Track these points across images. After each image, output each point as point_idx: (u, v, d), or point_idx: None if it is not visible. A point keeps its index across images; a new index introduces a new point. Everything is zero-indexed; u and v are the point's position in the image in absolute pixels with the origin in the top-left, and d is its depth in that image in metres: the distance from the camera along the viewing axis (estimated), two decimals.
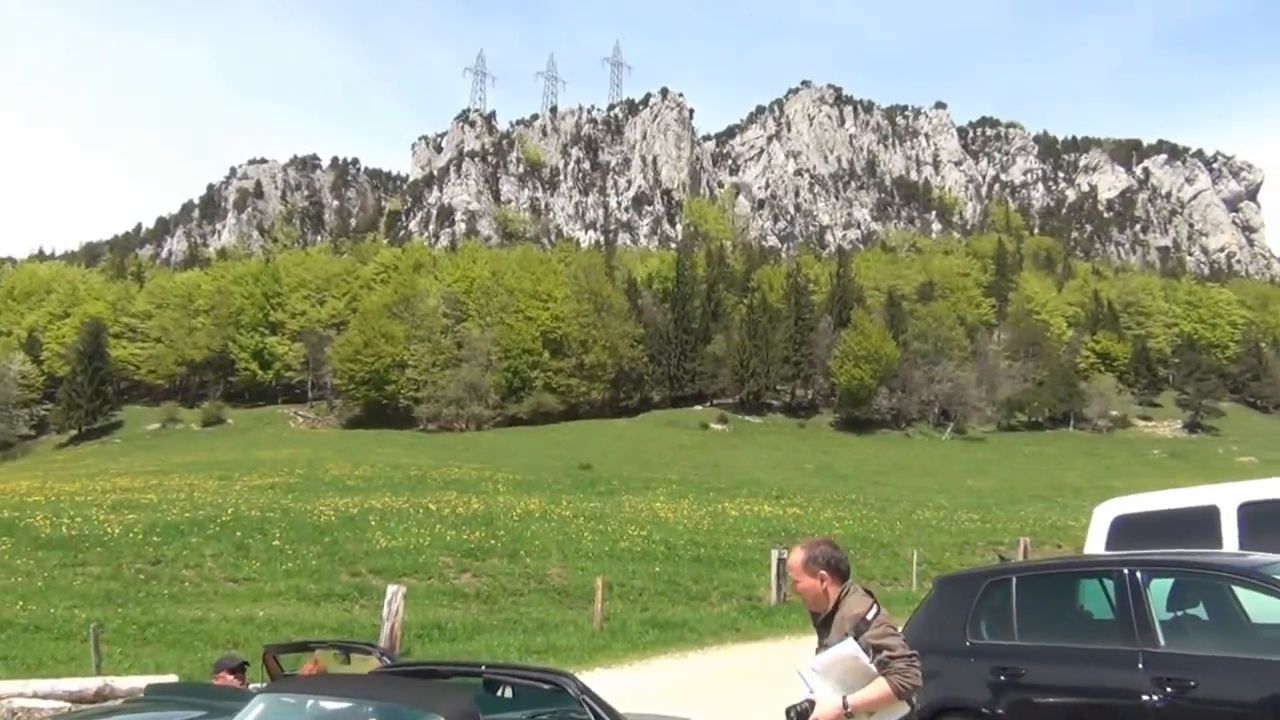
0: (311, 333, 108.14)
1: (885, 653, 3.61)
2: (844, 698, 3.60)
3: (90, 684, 9.95)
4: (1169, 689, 5.29)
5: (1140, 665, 5.44)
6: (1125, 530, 7.79)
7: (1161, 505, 8.08)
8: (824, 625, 3.88)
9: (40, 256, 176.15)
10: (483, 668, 4.21)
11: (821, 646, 3.88)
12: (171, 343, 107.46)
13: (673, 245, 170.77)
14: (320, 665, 5.74)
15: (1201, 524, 7.48)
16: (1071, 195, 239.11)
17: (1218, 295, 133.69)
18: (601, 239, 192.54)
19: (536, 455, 64.50)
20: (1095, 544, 7.89)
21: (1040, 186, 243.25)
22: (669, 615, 17.40)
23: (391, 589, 13.90)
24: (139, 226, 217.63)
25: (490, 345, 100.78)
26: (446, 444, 78.93)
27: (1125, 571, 5.75)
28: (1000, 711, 5.87)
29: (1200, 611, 5.97)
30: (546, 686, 4.08)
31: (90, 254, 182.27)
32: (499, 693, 4.69)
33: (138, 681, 9.76)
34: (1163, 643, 5.51)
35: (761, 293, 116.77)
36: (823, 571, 3.86)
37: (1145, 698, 5.37)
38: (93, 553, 19.00)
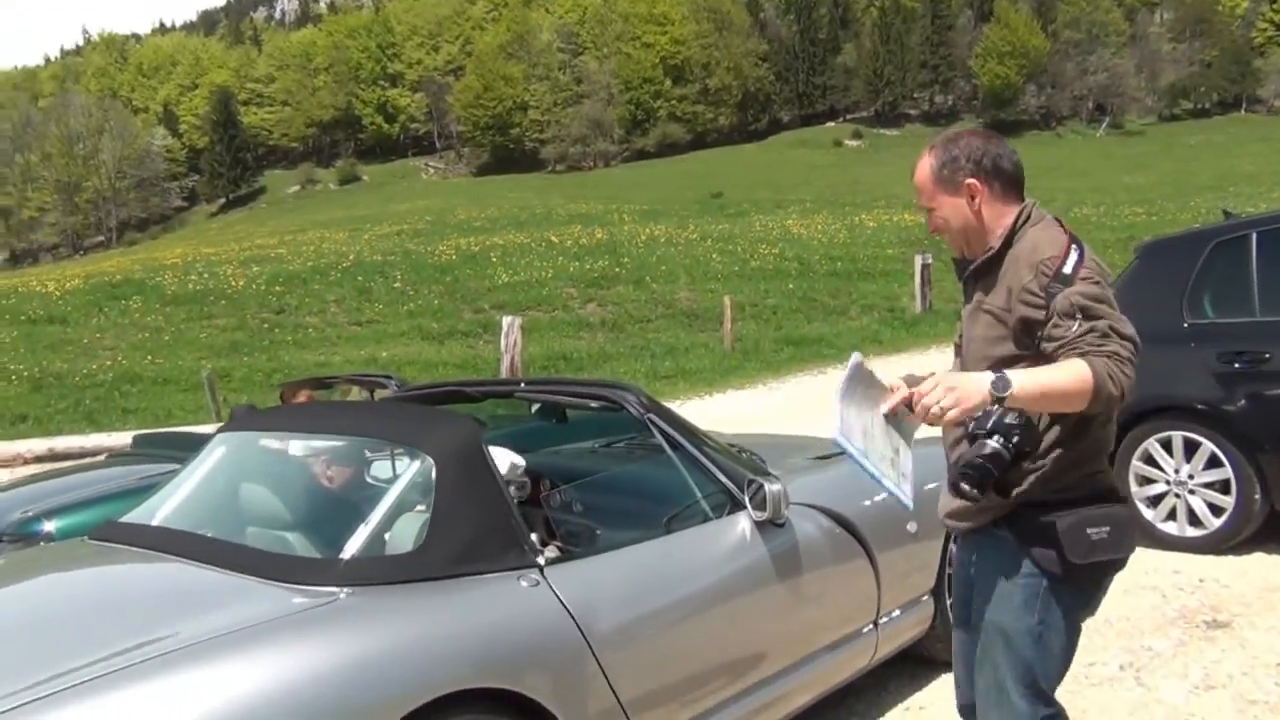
0: (431, 81, 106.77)
1: (1091, 328, 2.00)
2: (1001, 374, 1.98)
3: (209, 430, 9.59)
4: None
5: None
6: None
7: None
8: (979, 277, 2.24)
9: (161, 30, 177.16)
10: (520, 385, 3.05)
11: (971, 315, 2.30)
12: (298, 104, 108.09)
13: None
14: (312, 398, 4.81)
15: None
16: None
17: None
18: None
19: (667, 187, 62.98)
20: None
21: None
22: (804, 332, 16.37)
23: (507, 320, 13.17)
24: None
25: (609, 78, 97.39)
26: (576, 183, 78.05)
27: None
28: (1230, 408, 4.47)
29: None
30: (595, 404, 2.90)
31: (207, 22, 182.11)
32: (554, 420, 3.65)
33: None
34: None
35: None
36: (971, 180, 2.18)
37: None
38: (218, 306, 19.04)
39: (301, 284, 20.53)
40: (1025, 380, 1.98)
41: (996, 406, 2.00)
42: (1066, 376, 1.98)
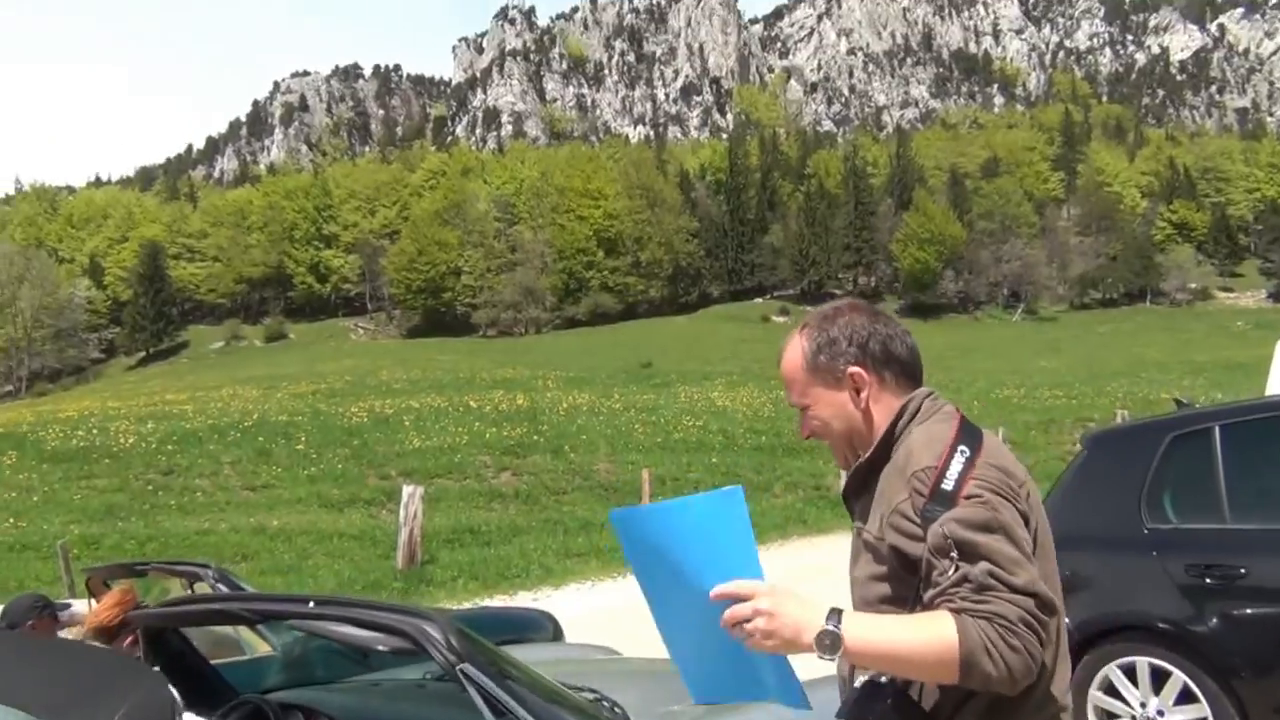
0: (365, 244, 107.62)
1: (964, 576, 1.41)
2: (836, 615, 1.42)
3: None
4: None
5: None
6: None
7: None
8: (856, 496, 1.69)
9: (97, 183, 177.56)
10: (309, 604, 2.24)
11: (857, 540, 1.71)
12: (228, 261, 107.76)
13: (724, 136, 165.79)
14: (129, 593, 3.96)
15: None
16: (1141, 59, 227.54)
17: None
18: (650, 133, 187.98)
19: (596, 356, 63.10)
20: None
21: (1107, 51, 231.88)
22: None
23: (408, 490, 12.31)
24: (190, 148, 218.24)
25: (544, 247, 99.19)
26: (506, 348, 78.02)
27: None
28: (1203, 630, 3.81)
29: None
30: (384, 648, 2.09)
31: (145, 178, 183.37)
32: (366, 659, 2.86)
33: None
34: None
35: (818, 179, 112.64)
36: (855, 369, 1.65)
37: None
38: (100, 465, 17.77)
39: (197, 443, 19.37)
40: (865, 632, 1.40)
41: (868, 674, 1.49)
42: (922, 639, 1.38)
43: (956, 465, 1.49)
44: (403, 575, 11.58)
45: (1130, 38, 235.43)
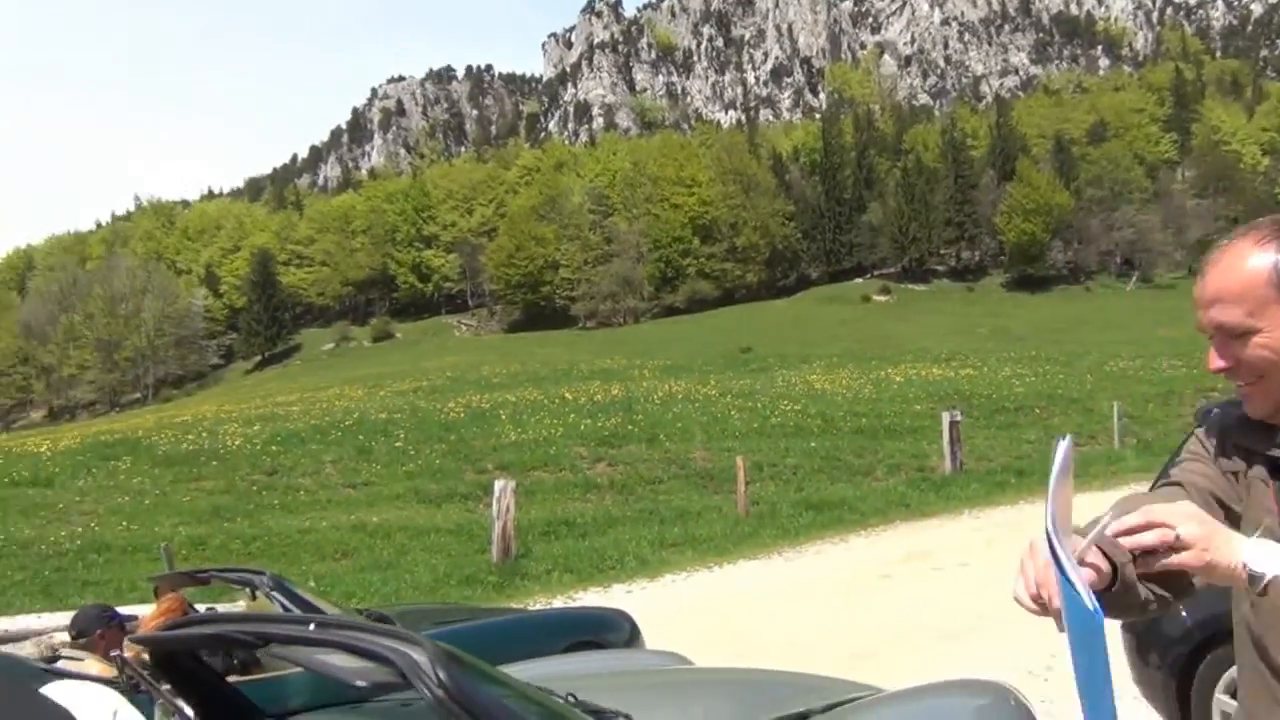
0: (464, 242, 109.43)
1: None
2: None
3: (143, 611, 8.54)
4: None
5: None
6: None
7: None
8: None
9: (209, 196, 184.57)
10: (310, 627, 2.00)
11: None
12: (335, 265, 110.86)
13: (817, 116, 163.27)
14: (175, 602, 3.89)
15: None
16: (1258, 9, 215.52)
17: None
18: (742, 117, 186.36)
19: (695, 343, 62.87)
20: None
21: (1219, 4, 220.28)
22: (826, 494, 15.26)
23: (499, 485, 12.25)
24: (295, 157, 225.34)
25: (639, 237, 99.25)
26: (605, 339, 78.39)
27: None
28: None
29: None
30: (361, 684, 1.83)
31: (253, 189, 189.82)
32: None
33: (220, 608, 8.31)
34: None
35: (916, 154, 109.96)
36: None
37: None
38: (208, 467, 18.30)
39: (300, 443, 19.80)
40: None
41: None
42: None
43: None
44: (497, 569, 11.54)
45: None
